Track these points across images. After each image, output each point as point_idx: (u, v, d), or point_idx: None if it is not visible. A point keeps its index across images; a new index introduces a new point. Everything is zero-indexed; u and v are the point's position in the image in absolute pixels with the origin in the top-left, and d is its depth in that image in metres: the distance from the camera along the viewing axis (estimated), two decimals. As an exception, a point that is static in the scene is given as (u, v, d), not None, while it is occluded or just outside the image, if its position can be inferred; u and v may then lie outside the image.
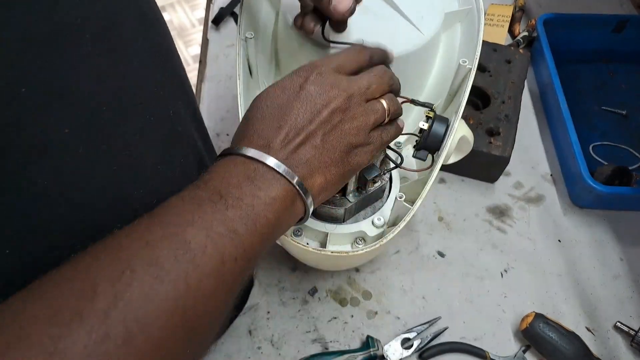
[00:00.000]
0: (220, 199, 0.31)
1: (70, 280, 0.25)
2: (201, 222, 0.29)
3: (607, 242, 0.73)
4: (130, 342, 0.24)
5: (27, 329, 0.23)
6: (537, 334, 0.61)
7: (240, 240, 0.30)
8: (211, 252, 0.29)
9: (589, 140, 0.84)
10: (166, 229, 0.29)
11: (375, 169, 0.51)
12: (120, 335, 0.24)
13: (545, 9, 1.01)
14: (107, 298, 0.24)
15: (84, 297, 0.24)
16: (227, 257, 0.29)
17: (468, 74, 0.56)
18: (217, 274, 0.29)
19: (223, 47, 0.92)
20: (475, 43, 0.57)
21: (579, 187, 0.74)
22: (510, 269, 0.70)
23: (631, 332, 0.64)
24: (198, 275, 0.27)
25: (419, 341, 0.63)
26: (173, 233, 0.28)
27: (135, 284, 0.25)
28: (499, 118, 0.75)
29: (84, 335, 0.23)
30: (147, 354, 0.25)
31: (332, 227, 0.54)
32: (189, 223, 0.29)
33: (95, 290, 0.24)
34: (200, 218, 0.30)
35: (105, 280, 0.25)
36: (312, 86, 0.38)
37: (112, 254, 0.27)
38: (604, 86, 0.92)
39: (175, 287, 0.26)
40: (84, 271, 0.26)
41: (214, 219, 0.30)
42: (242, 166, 0.35)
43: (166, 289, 0.26)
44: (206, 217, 0.30)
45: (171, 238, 0.28)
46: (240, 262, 0.30)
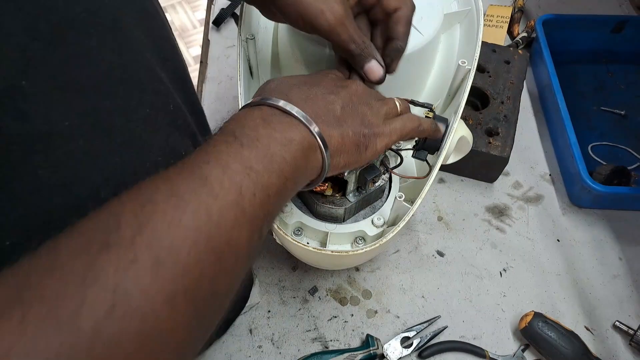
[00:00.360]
0: (235, 140, 0.32)
1: (96, 217, 0.26)
2: (216, 160, 0.30)
3: (606, 241, 0.74)
4: (159, 266, 0.25)
5: (60, 259, 0.24)
6: (536, 333, 0.62)
7: (256, 177, 0.31)
8: (229, 186, 0.29)
9: (588, 140, 0.84)
10: (184, 167, 0.30)
11: (375, 169, 0.52)
12: (149, 259, 0.25)
13: (544, 9, 1.01)
14: (131, 227, 0.25)
15: (109, 230, 0.25)
16: (245, 191, 0.30)
17: (467, 74, 0.56)
18: (237, 206, 0.29)
19: (224, 48, 0.93)
20: (475, 44, 0.58)
21: (577, 187, 0.75)
22: (509, 268, 0.71)
23: (630, 331, 0.64)
24: (218, 207, 0.28)
25: (419, 340, 0.64)
26: (190, 170, 0.29)
27: (157, 214, 0.26)
28: (498, 118, 0.75)
29: (114, 260, 0.24)
30: (178, 277, 0.26)
31: (332, 227, 0.55)
32: (205, 162, 0.30)
33: (119, 222, 0.25)
34: (216, 157, 0.31)
35: (128, 212, 0.26)
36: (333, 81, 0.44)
37: (133, 192, 0.28)
38: (602, 86, 0.93)
39: (197, 217, 0.27)
40: (108, 209, 0.27)
41: (229, 157, 0.31)
42: (258, 111, 0.36)
43: (188, 217, 0.27)
44: (221, 156, 0.31)
45: (189, 174, 0.29)
46: (259, 197, 0.31)
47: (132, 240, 0.25)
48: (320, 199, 0.54)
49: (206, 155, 0.31)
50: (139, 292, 0.24)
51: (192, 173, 0.29)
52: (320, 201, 0.54)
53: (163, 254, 0.25)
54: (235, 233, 0.29)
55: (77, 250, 0.24)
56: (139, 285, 0.24)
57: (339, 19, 0.44)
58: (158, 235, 0.26)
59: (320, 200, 0.54)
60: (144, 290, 0.24)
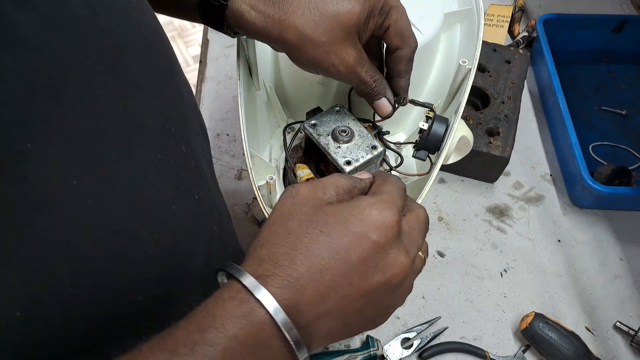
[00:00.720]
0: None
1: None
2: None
3: (607, 242, 0.74)
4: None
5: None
6: (536, 333, 0.61)
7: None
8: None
9: (589, 140, 0.84)
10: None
11: (374, 169, 0.51)
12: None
13: (545, 9, 1.01)
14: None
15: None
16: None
17: (468, 74, 0.56)
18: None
19: (223, 48, 0.92)
20: (475, 43, 0.57)
21: (578, 187, 0.74)
22: (510, 268, 0.70)
23: (631, 332, 0.64)
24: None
25: (419, 341, 0.64)
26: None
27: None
28: (498, 118, 0.75)
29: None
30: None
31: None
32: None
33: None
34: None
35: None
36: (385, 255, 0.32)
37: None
38: (603, 86, 0.93)
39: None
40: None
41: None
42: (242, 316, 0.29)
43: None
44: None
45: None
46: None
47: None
48: None
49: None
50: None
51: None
52: None
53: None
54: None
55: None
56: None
57: (350, 68, 0.45)
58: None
59: None
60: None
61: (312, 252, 0.30)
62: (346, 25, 0.44)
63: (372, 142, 0.52)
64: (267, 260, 0.30)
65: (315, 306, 0.29)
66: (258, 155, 0.57)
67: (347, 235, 0.30)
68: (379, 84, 0.49)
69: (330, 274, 0.30)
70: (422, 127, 0.52)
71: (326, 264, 0.30)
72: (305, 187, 0.33)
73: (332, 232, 0.30)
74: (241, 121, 0.52)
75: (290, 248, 0.30)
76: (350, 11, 0.44)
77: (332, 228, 0.31)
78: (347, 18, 0.44)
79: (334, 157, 0.50)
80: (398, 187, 0.35)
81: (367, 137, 0.52)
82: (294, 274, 0.29)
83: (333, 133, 0.52)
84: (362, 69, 0.47)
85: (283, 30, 0.44)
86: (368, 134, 0.52)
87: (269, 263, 0.30)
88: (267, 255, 0.30)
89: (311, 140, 0.53)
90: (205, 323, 0.28)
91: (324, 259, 0.30)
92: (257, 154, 0.57)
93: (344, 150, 0.51)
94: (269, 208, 0.54)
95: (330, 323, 0.30)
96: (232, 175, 0.77)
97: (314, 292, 0.29)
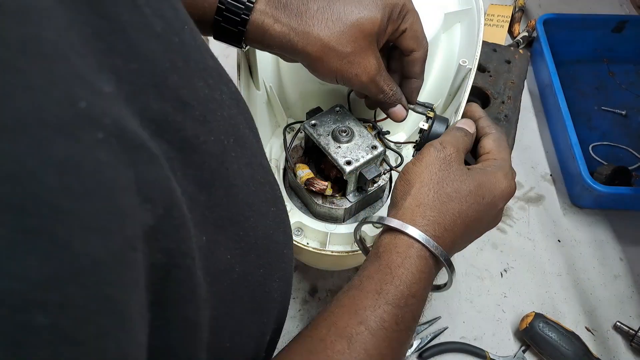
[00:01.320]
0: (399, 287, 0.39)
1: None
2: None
3: (607, 242, 0.74)
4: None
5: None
6: (536, 333, 0.61)
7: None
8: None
9: (589, 140, 0.84)
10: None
11: (375, 169, 0.51)
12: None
13: (545, 9, 1.01)
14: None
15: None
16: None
17: (468, 74, 0.56)
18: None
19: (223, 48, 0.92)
20: (475, 43, 0.57)
21: (578, 187, 0.74)
22: (510, 268, 0.70)
23: (631, 332, 0.64)
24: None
25: (419, 341, 0.63)
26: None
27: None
28: (498, 118, 0.75)
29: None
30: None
31: (332, 227, 0.54)
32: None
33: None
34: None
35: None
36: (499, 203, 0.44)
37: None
38: (603, 86, 0.93)
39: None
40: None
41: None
42: (419, 259, 0.40)
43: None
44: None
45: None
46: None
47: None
48: (320, 199, 0.54)
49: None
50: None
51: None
52: (320, 201, 0.54)
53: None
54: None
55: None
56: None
57: (371, 78, 0.46)
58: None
59: (320, 201, 0.54)
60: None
61: (454, 214, 0.41)
62: (369, 34, 0.44)
63: (372, 142, 0.51)
64: (430, 219, 0.41)
65: (450, 245, 0.42)
66: (258, 155, 0.57)
67: (484, 203, 0.43)
68: (396, 92, 0.49)
69: (463, 226, 0.42)
70: (422, 127, 0.52)
71: (467, 220, 0.42)
72: (454, 151, 0.44)
73: (469, 199, 0.42)
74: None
75: (447, 210, 0.42)
76: (372, 19, 0.44)
77: (476, 195, 0.42)
78: (370, 26, 0.44)
79: (334, 157, 0.50)
80: (509, 151, 0.47)
81: (367, 137, 0.52)
82: (441, 227, 0.41)
83: (333, 133, 0.52)
84: (381, 77, 0.47)
85: (308, 43, 0.43)
86: (368, 134, 0.52)
87: (430, 223, 0.41)
88: (426, 214, 0.41)
89: (311, 140, 0.53)
90: (392, 263, 0.39)
91: (468, 217, 0.42)
92: (257, 154, 0.57)
93: (344, 150, 0.51)
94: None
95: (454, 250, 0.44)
96: (232, 175, 0.77)
97: (451, 238, 0.41)
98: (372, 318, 0.36)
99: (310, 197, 0.54)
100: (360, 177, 0.52)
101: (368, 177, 0.51)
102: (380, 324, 0.36)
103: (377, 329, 0.35)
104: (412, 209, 0.41)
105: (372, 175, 0.51)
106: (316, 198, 0.54)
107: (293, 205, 0.56)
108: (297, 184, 0.54)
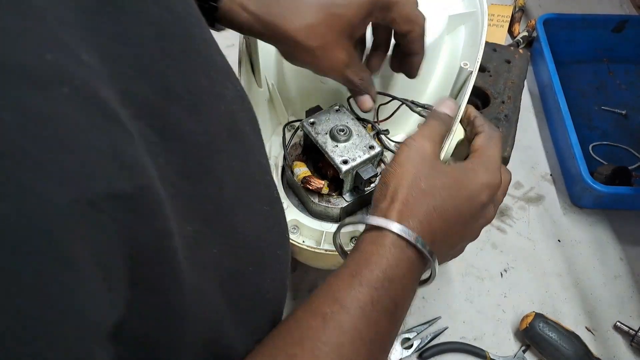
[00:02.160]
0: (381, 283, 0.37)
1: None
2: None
3: (607, 242, 0.73)
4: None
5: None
6: (537, 333, 0.61)
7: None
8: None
9: (589, 140, 0.84)
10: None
11: (371, 169, 0.51)
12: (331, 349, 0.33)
13: (545, 9, 1.01)
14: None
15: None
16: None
17: (469, 77, 0.56)
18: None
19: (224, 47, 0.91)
20: (478, 46, 0.57)
21: (578, 187, 0.74)
22: (510, 268, 0.70)
23: (631, 332, 0.64)
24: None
25: (419, 341, 0.63)
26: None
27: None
28: (498, 118, 0.75)
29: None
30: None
31: (328, 226, 0.54)
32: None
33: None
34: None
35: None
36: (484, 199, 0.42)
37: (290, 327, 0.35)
38: (603, 86, 0.92)
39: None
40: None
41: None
42: (402, 254, 0.38)
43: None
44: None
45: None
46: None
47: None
48: (316, 198, 0.54)
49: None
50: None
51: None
52: (317, 200, 0.54)
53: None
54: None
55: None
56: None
57: (339, 71, 0.47)
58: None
59: (316, 199, 0.54)
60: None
61: (429, 208, 0.39)
62: (337, 30, 0.44)
63: (370, 142, 0.51)
64: (403, 213, 0.39)
65: (429, 237, 0.39)
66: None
67: (460, 197, 0.40)
68: (365, 82, 0.50)
69: (440, 220, 0.40)
70: (421, 127, 0.52)
71: (444, 214, 0.40)
72: (429, 146, 0.42)
73: (442, 192, 0.40)
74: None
75: (421, 204, 0.39)
76: (342, 15, 0.44)
77: (450, 188, 0.40)
78: (339, 22, 0.44)
79: (331, 155, 0.50)
80: (499, 148, 0.45)
81: (365, 136, 0.52)
82: (415, 220, 0.39)
83: (331, 132, 0.52)
84: (349, 69, 0.48)
85: (275, 34, 0.44)
86: (366, 133, 0.52)
87: (405, 216, 0.39)
88: (400, 208, 0.39)
89: (310, 138, 0.53)
90: (367, 252, 0.38)
91: (445, 211, 0.40)
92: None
93: (341, 149, 0.51)
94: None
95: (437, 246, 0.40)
96: (231, 176, 0.77)
97: (428, 230, 0.39)
98: (347, 298, 0.35)
99: (307, 195, 0.54)
100: (356, 177, 0.52)
101: (364, 177, 0.51)
102: (355, 303, 0.35)
103: (352, 307, 0.35)
104: (387, 207, 0.40)
105: (368, 175, 0.51)
106: (313, 196, 0.54)
107: (290, 202, 0.56)
108: (294, 181, 0.54)
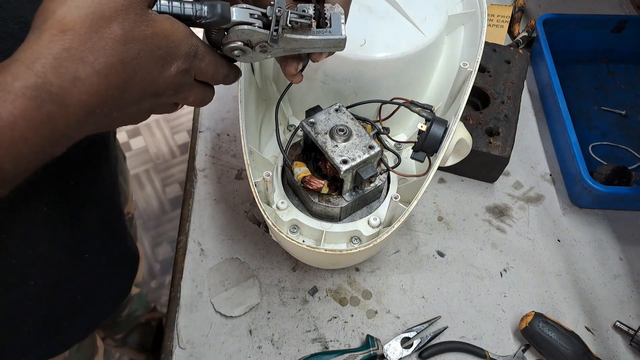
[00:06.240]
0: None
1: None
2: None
3: (607, 241, 0.74)
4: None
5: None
6: (536, 333, 0.61)
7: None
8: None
9: (589, 140, 0.84)
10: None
11: (371, 168, 0.51)
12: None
13: (545, 9, 1.01)
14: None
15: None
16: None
17: (468, 76, 0.56)
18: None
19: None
20: (477, 46, 0.57)
21: (578, 187, 0.74)
22: (510, 268, 0.70)
23: (630, 331, 0.64)
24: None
25: (419, 340, 0.64)
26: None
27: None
28: (498, 118, 0.75)
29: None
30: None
31: (328, 226, 0.55)
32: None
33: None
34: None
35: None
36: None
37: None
38: (603, 86, 0.93)
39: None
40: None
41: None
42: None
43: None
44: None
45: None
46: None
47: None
48: (316, 198, 0.54)
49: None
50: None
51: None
52: (317, 199, 0.54)
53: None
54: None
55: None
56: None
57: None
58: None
59: (316, 199, 0.54)
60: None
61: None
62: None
63: (370, 141, 0.52)
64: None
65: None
66: (257, 151, 0.57)
67: None
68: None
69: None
70: (421, 128, 0.52)
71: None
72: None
73: None
74: (240, 116, 0.52)
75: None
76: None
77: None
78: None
79: (331, 155, 0.50)
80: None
81: (365, 136, 0.52)
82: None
83: (331, 132, 0.52)
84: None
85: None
86: (366, 133, 0.53)
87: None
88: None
89: (309, 138, 0.53)
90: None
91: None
92: (256, 150, 0.57)
93: (341, 149, 0.51)
94: (265, 205, 0.54)
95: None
96: (232, 175, 0.78)
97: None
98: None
99: (306, 195, 0.54)
100: (356, 177, 0.52)
101: (364, 176, 0.51)
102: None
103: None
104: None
105: (368, 175, 0.51)
106: (312, 196, 0.54)
107: (290, 202, 0.57)
108: (294, 181, 0.55)
